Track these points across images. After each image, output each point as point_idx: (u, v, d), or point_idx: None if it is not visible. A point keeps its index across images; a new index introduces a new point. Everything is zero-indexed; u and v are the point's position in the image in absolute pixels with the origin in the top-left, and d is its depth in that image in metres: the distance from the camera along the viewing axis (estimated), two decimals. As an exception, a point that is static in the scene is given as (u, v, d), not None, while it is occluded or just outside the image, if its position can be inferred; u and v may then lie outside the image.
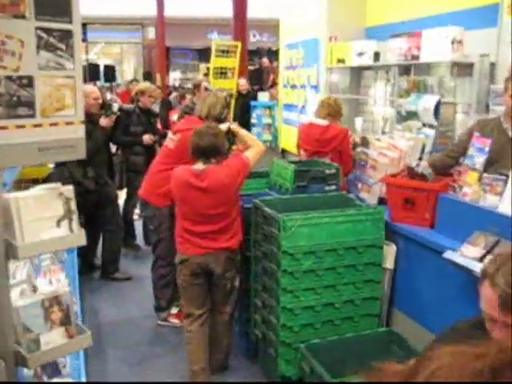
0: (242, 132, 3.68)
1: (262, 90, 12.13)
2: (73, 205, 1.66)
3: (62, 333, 1.74)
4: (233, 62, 10.56)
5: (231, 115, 4.27)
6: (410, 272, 3.28)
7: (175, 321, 4.29)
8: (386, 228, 3.30)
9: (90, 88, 5.19)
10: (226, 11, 16.00)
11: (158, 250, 4.21)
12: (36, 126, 1.44)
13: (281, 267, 3.06)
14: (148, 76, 17.02)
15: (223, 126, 3.52)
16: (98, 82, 14.07)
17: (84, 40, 22.29)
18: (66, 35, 1.46)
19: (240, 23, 15.06)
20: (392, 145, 3.85)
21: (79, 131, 1.57)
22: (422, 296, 3.20)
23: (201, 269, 3.32)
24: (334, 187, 3.76)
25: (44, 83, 1.44)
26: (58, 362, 2.26)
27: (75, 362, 2.53)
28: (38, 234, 1.58)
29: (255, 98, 10.11)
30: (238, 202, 3.42)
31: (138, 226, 6.13)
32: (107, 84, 15.25)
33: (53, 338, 1.71)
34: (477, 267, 2.43)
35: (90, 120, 4.92)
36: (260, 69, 18.16)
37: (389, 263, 3.35)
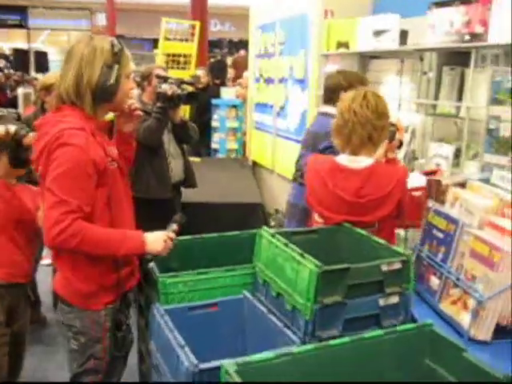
0: None
1: (223, 84, 10.01)
2: None
3: None
4: (189, 48, 8.40)
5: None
6: None
7: None
8: None
9: None
10: (184, -4, 13.72)
11: None
12: None
13: None
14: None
15: None
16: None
17: (24, 26, 19.83)
18: None
19: (199, 7, 12.80)
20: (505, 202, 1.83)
21: None
22: None
23: None
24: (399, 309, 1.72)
25: None
26: None
27: None
28: None
29: (217, 95, 7.95)
30: None
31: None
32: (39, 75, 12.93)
33: None
34: None
35: None
36: (222, 60, 16.06)
37: None
